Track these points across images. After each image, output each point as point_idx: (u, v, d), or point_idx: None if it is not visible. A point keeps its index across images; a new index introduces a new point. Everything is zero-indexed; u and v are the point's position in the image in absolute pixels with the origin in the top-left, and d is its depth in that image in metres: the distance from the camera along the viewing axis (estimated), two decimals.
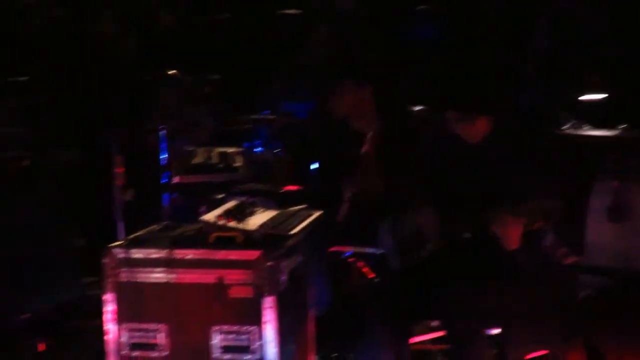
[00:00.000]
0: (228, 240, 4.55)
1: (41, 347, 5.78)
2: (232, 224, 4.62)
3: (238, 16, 9.96)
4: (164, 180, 6.59)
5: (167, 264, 4.49)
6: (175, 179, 6.43)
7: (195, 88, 7.26)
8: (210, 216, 4.70)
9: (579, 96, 7.53)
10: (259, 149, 6.52)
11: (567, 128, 7.02)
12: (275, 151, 6.45)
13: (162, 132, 6.56)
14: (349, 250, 5.65)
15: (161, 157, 6.57)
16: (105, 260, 4.56)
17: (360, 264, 5.66)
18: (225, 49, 9.04)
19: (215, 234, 4.58)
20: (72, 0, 9.29)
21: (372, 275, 5.56)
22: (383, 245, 5.30)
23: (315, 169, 5.92)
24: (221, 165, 6.27)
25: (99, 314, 4.68)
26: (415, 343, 4.61)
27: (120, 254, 4.56)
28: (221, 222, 4.63)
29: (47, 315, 6.09)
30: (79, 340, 5.87)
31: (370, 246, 5.47)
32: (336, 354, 5.28)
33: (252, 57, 8.65)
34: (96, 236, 6.79)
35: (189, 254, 4.50)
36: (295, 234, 4.75)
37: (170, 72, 7.08)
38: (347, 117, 5.60)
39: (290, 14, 9.54)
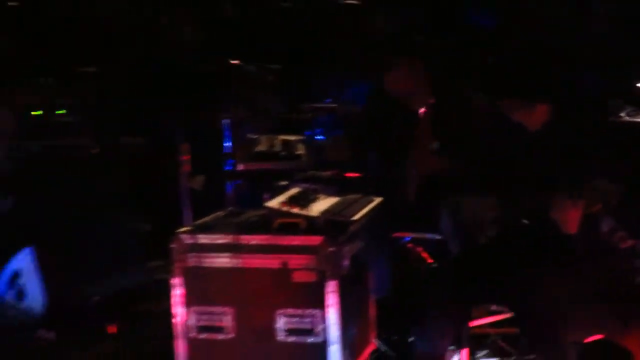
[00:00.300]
0: (292, 226, 4.59)
1: (111, 329, 5.85)
2: (296, 210, 4.66)
3: (298, 5, 9.99)
4: (228, 168, 6.62)
5: (233, 249, 4.54)
6: (240, 167, 6.46)
7: (258, 77, 7.27)
8: (274, 203, 4.75)
9: (636, 83, 7.45)
10: (321, 136, 6.50)
11: (624, 115, 6.95)
12: (336, 139, 6.42)
13: (226, 121, 6.60)
14: (408, 235, 5.65)
15: (225, 145, 6.61)
16: (173, 246, 4.63)
17: (419, 249, 5.68)
18: (286, 38, 9.05)
19: (279, 220, 4.63)
20: None
21: (430, 261, 5.59)
22: (443, 229, 5.33)
23: (374, 155, 5.91)
24: (284, 153, 6.30)
25: (167, 297, 4.75)
26: (474, 327, 4.59)
27: (187, 239, 4.63)
28: (285, 209, 4.69)
29: (116, 299, 6.17)
30: (148, 323, 5.91)
31: (430, 231, 5.48)
32: (396, 337, 5.29)
33: (311, 46, 8.65)
34: (162, 222, 6.87)
35: (254, 240, 4.55)
36: (356, 220, 4.79)
37: (234, 62, 7.11)
38: (403, 96, 5.59)
39: (350, 3, 9.57)
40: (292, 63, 8.11)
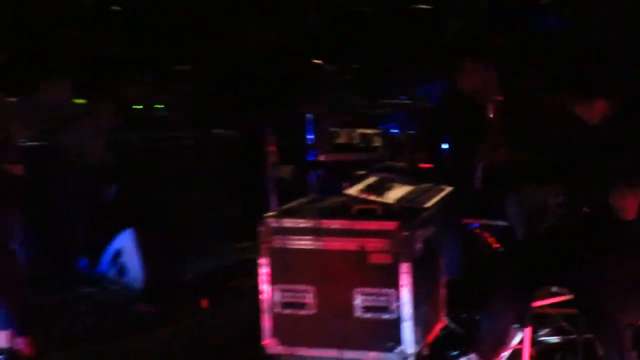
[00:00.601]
0: (369, 212, 4.69)
1: (204, 303, 6.00)
2: (373, 197, 4.76)
3: (376, 11, 10.03)
4: (311, 158, 6.72)
5: (315, 232, 4.65)
6: (321, 157, 6.54)
7: (338, 76, 7.34)
8: (353, 190, 4.84)
9: None
10: (395, 130, 6.54)
11: None
12: (410, 132, 6.47)
13: (309, 115, 6.71)
14: (477, 222, 5.68)
15: (308, 137, 6.72)
16: (261, 229, 4.76)
17: (486, 234, 5.71)
18: (365, 41, 9.10)
19: (357, 207, 4.73)
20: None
21: (496, 245, 5.62)
22: (510, 217, 5.37)
23: (446, 148, 5.98)
24: (362, 145, 6.33)
25: (254, 275, 4.87)
26: (537, 307, 4.56)
27: (273, 223, 4.76)
28: (363, 196, 4.78)
29: (209, 276, 6.33)
30: (237, 299, 6.07)
31: (498, 218, 5.52)
32: (465, 315, 5.33)
33: (387, 48, 8.69)
34: (250, 207, 6.98)
35: (334, 224, 4.65)
36: (429, 207, 4.86)
37: (316, 62, 7.20)
38: (474, 93, 5.64)
39: (423, 8, 9.58)
40: (369, 63, 8.17)
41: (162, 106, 7.56)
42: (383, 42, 8.91)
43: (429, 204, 4.89)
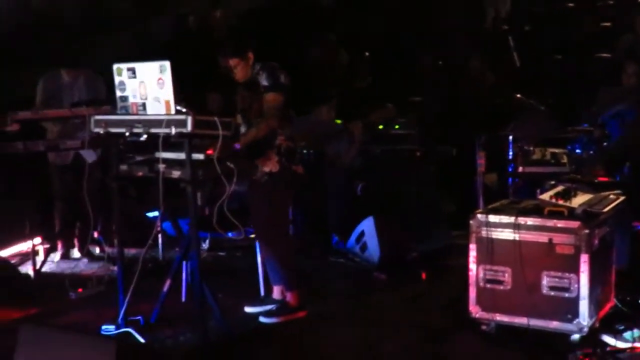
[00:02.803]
0: (557, 213, 4.50)
1: (423, 275, 5.92)
2: (561, 202, 4.56)
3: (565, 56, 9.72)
4: (510, 170, 6.52)
5: (514, 226, 4.50)
6: (519, 169, 6.33)
7: (535, 107, 7.11)
8: (545, 196, 4.66)
9: None
10: (579, 151, 6.26)
11: None
12: (591, 152, 6.17)
13: (510, 136, 6.52)
14: None
15: (509, 153, 6.50)
16: (472, 221, 4.65)
17: None
18: (557, 81, 8.84)
19: (548, 209, 4.54)
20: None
21: None
22: None
23: (628, 167, 5.70)
24: (552, 161, 6.12)
25: (463, 256, 4.78)
26: None
27: (482, 217, 4.63)
28: (553, 201, 4.59)
29: (428, 255, 6.22)
30: (448, 274, 5.92)
31: None
32: (629, 298, 4.95)
33: (575, 88, 8.34)
34: (462, 204, 6.87)
35: (530, 221, 4.50)
36: (605, 211, 4.63)
37: (518, 96, 7.02)
38: None
39: (604, 56, 9.17)
40: (562, 98, 7.89)
41: (398, 126, 7.52)
42: (570, 84, 8.57)
43: (606, 209, 4.65)
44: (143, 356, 3.98)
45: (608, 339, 4.41)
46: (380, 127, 7.46)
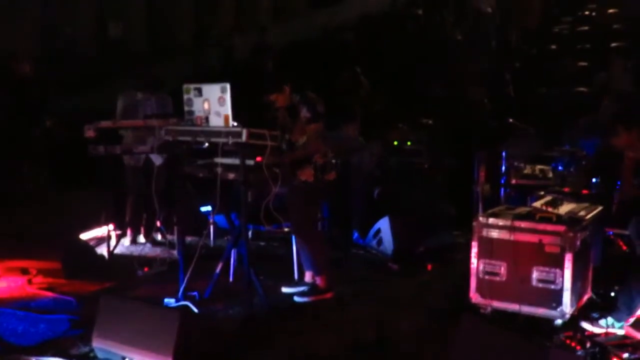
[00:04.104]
0: (547, 218, 4.46)
1: (429, 267, 5.85)
2: (550, 209, 4.52)
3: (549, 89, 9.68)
4: (503, 181, 6.45)
5: (510, 228, 4.48)
6: (513, 181, 6.24)
7: (524, 130, 7.08)
8: (537, 204, 4.62)
9: None
10: (561, 168, 6.18)
11: None
12: (571, 169, 6.09)
13: (504, 153, 6.47)
14: (612, 230, 5.30)
15: (502, 167, 6.44)
16: (475, 223, 4.62)
17: (618, 240, 5.37)
18: (545, 109, 8.79)
19: (539, 214, 4.51)
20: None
21: (624, 248, 5.28)
22: (630, 232, 4.94)
23: (597, 181, 5.62)
24: (540, 176, 6.04)
25: (463, 252, 4.92)
26: None
27: (483, 220, 4.60)
28: (543, 208, 4.55)
29: (434, 250, 6.12)
30: (450, 266, 5.86)
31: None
32: (602, 291, 4.91)
33: (560, 116, 8.27)
34: (461, 209, 6.82)
35: (523, 224, 4.47)
36: (587, 218, 4.60)
37: (511, 120, 6.99)
38: (623, 149, 5.20)
39: (581, 90, 9.13)
40: (548, 125, 7.82)
41: (410, 143, 7.50)
42: (554, 112, 8.51)
43: (588, 217, 4.62)
44: (200, 325, 3.99)
45: (586, 325, 4.38)
46: (395, 143, 7.43)
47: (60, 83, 8.90)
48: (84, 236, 6.42)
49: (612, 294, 4.82)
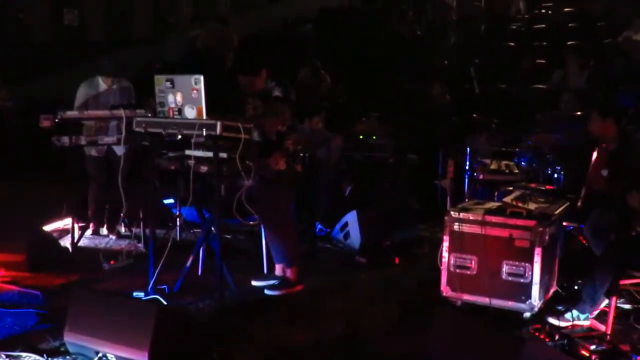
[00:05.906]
0: (517, 213, 4.53)
1: (396, 260, 5.88)
2: (519, 204, 4.60)
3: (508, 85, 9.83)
4: (467, 176, 6.56)
5: (481, 223, 4.52)
6: (480, 176, 6.36)
7: (487, 125, 7.20)
8: (507, 199, 4.69)
9: None
10: (524, 163, 6.33)
11: None
12: (533, 165, 6.23)
13: (468, 149, 6.57)
14: (571, 225, 5.37)
15: (467, 163, 6.55)
16: (446, 217, 4.64)
17: (578, 234, 5.41)
18: (506, 105, 8.92)
19: (509, 209, 4.58)
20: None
21: (584, 242, 5.29)
22: (585, 233, 5.03)
23: (565, 175, 5.73)
24: (506, 171, 6.17)
25: (428, 246, 5.12)
26: (623, 284, 4.39)
27: (454, 214, 4.63)
28: (513, 203, 4.63)
29: (400, 244, 6.16)
30: (416, 260, 5.92)
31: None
32: (565, 285, 5.05)
33: (519, 112, 8.41)
34: (425, 203, 6.91)
35: (494, 219, 4.52)
36: (555, 214, 4.69)
37: (474, 116, 7.09)
38: (598, 139, 5.26)
39: (539, 87, 9.31)
40: (510, 120, 7.94)
41: (375, 137, 7.55)
42: (513, 109, 8.66)
43: (555, 212, 4.72)
44: (177, 318, 3.95)
45: (552, 320, 4.43)
46: (361, 137, 7.47)
47: (12, 70, 8.65)
48: (46, 228, 6.27)
49: (576, 287, 4.94)
